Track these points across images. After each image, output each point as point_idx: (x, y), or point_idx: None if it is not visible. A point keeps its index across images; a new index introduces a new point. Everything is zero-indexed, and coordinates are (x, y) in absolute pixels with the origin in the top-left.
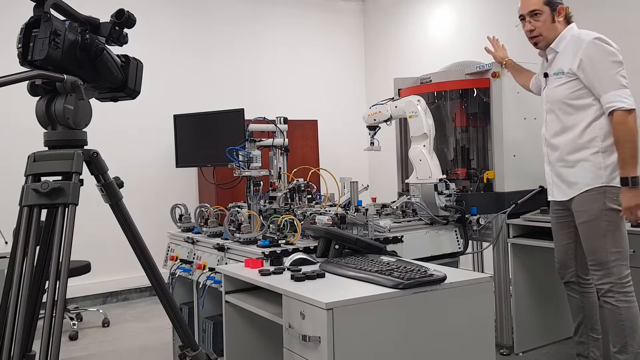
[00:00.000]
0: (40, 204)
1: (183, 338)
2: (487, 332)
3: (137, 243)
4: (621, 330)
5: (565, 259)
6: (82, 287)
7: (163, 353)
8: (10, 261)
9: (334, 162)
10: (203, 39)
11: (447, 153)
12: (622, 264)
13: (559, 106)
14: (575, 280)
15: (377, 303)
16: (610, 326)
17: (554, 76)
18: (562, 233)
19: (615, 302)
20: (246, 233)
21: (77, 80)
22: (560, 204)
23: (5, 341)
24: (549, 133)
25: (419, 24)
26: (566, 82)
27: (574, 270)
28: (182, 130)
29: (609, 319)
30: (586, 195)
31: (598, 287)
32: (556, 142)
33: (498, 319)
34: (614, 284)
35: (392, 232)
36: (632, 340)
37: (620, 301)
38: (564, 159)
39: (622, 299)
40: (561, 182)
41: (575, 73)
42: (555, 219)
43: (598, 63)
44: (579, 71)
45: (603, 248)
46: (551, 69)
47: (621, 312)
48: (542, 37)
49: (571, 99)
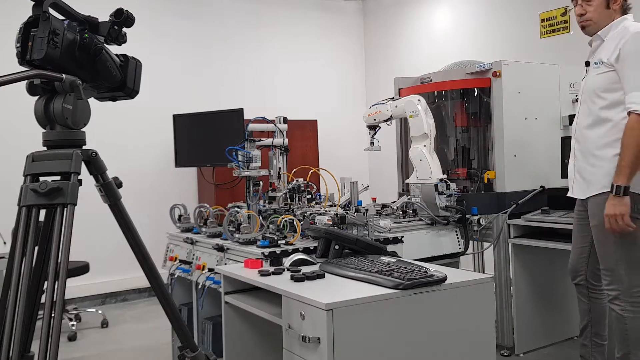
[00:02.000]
0: (38, 204)
1: (182, 339)
2: (487, 333)
3: (136, 243)
4: (625, 339)
5: (577, 262)
6: (81, 287)
7: (162, 354)
8: (8, 261)
9: (334, 162)
10: (203, 39)
11: (447, 153)
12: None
13: (592, 97)
14: (584, 284)
15: (377, 304)
16: (616, 332)
17: (594, 65)
18: (580, 236)
19: (621, 310)
20: (246, 233)
21: (75, 79)
22: (582, 204)
23: (4, 342)
24: (579, 125)
25: (419, 24)
26: (603, 72)
27: (583, 274)
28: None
29: (614, 325)
30: (601, 198)
31: (607, 291)
32: (584, 135)
33: (499, 320)
34: (621, 292)
35: (392, 232)
36: (635, 350)
37: (626, 310)
38: (588, 154)
39: (628, 309)
40: (581, 179)
41: (613, 64)
42: (576, 220)
43: (633, 58)
44: (616, 63)
45: (613, 255)
46: (593, 58)
47: (626, 321)
48: (592, 22)
49: (605, 91)
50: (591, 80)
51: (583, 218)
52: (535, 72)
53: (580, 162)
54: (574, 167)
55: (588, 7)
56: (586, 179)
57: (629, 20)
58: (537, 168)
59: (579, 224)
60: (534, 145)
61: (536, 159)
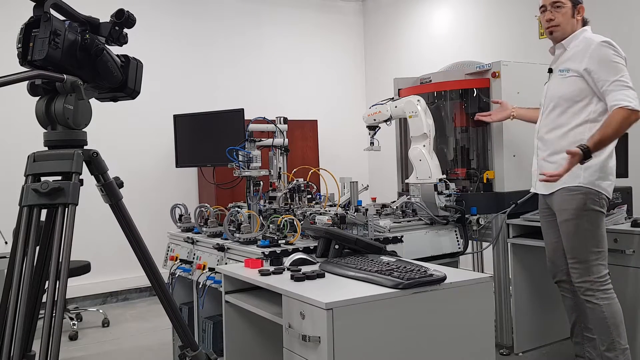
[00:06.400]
0: (40, 204)
1: (183, 338)
2: (487, 332)
3: (137, 243)
4: (606, 328)
5: (554, 257)
6: (82, 287)
7: (163, 353)
8: (10, 261)
9: (334, 162)
10: (203, 39)
11: (447, 153)
12: (601, 264)
13: (557, 103)
14: (566, 279)
15: (377, 303)
16: (595, 325)
17: (559, 73)
18: (550, 232)
19: (595, 300)
20: (246, 233)
21: (77, 80)
22: (545, 203)
23: (5, 341)
24: (543, 128)
25: (419, 24)
26: (569, 81)
27: (564, 268)
28: (182, 130)
29: (592, 317)
30: (566, 194)
31: (577, 285)
32: (548, 137)
33: (498, 319)
34: (593, 282)
35: (392, 232)
36: (617, 337)
37: (600, 299)
38: (550, 155)
39: (602, 297)
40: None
41: (581, 73)
42: (542, 218)
43: (606, 64)
44: (585, 72)
45: (584, 247)
46: (556, 65)
47: (603, 309)
48: (560, 28)
49: (570, 98)
50: (556, 86)
51: (549, 214)
52: (534, 73)
53: (542, 161)
54: (536, 165)
55: (557, 14)
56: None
57: (589, 31)
58: None
59: (546, 221)
60: (533, 146)
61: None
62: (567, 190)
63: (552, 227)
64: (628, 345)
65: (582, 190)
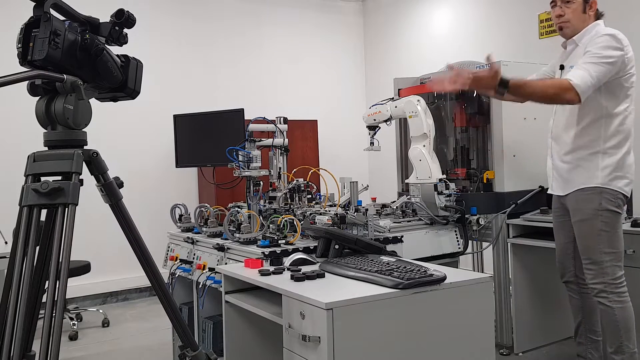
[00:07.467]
0: (40, 204)
1: (183, 338)
2: (487, 332)
3: (137, 243)
4: (616, 331)
5: (564, 258)
6: (82, 287)
7: (163, 353)
8: (10, 261)
9: (334, 162)
10: (203, 39)
11: (447, 153)
12: (616, 265)
13: None
14: (574, 280)
15: (377, 303)
16: (606, 327)
17: (570, 69)
18: (561, 232)
19: (609, 302)
20: (246, 233)
21: (77, 80)
22: (559, 202)
23: (5, 341)
24: (556, 127)
25: (419, 24)
26: None
27: (572, 270)
28: (182, 130)
29: (603, 319)
30: (581, 194)
31: (591, 286)
32: (561, 136)
33: (498, 319)
34: (607, 284)
35: (392, 232)
36: (627, 341)
37: (614, 301)
38: (566, 154)
39: (615, 299)
40: (559, 177)
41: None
42: (555, 218)
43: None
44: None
45: (597, 248)
46: (568, 62)
47: (615, 312)
48: (570, 25)
49: None
50: None
51: (562, 215)
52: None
53: (557, 161)
54: (552, 165)
55: (567, 10)
56: (564, 177)
57: (601, 25)
58: (536, 168)
59: (558, 221)
60: (533, 146)
61: (535, 159)
62: (583, 191)
63: (563, 228)
64: (636, 350)
65: (597, 190)
